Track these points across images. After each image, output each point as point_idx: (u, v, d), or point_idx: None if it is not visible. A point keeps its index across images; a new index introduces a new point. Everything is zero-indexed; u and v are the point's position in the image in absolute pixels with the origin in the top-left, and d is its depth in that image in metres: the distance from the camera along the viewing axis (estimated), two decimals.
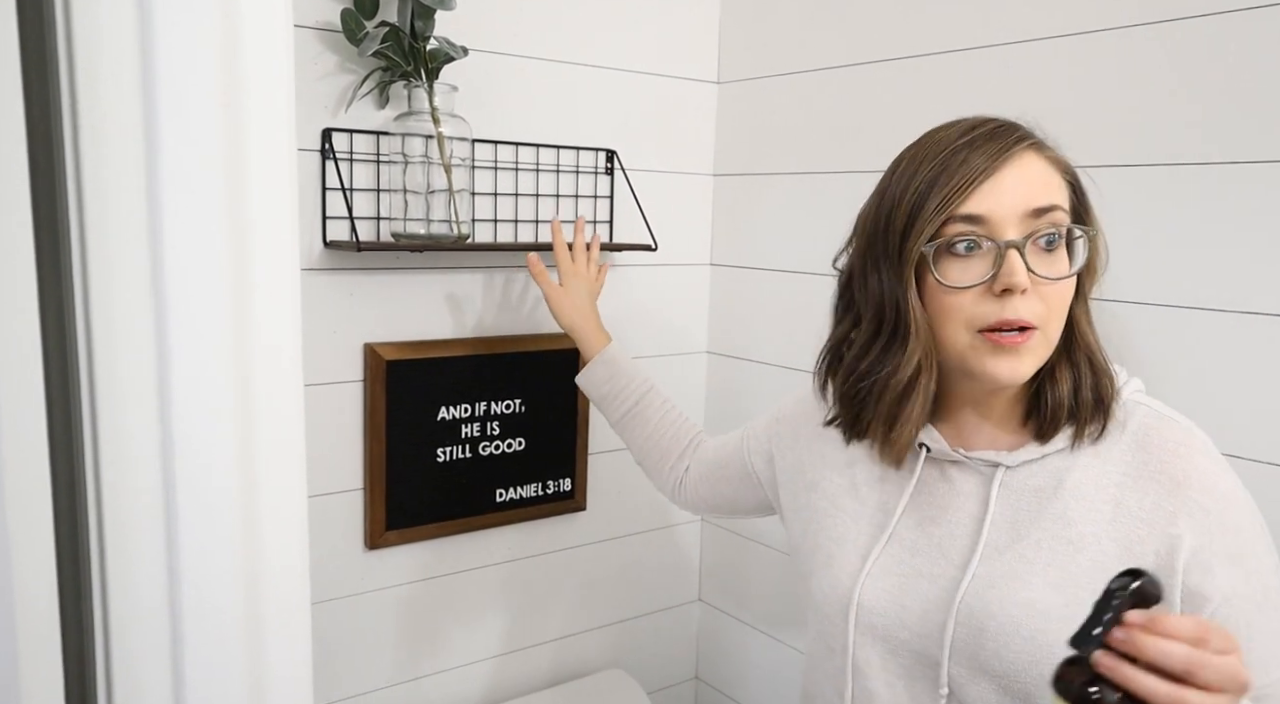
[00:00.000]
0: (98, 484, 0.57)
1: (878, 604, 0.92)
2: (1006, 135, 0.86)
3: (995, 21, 1.35)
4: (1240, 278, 1.13)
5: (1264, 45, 1.09)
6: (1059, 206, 0.85)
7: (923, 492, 0.94)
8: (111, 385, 0.56)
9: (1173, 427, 0.87)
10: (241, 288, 0.59)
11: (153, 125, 0.55)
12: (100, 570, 0.57)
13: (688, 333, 1.85)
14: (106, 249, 0.56)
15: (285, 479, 0.63)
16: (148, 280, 0.56)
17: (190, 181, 0.57)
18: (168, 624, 0.59)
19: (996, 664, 0.84)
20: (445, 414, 1.54)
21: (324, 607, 1.48)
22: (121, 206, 0.56)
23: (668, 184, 1.76)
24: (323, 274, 1.41)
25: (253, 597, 0.62)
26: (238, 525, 0.61)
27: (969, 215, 0.82)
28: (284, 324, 0.62)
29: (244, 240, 0.59)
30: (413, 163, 1.39)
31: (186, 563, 0.59)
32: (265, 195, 0.60)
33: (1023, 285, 0.81)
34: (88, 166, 0.54)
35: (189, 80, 0.56)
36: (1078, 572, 0.84)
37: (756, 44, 1.73)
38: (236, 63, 0.57)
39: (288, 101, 0.60)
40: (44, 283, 0.57)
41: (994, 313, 0.82)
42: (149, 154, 0.55)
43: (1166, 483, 0.84)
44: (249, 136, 0.58)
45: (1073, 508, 0.86)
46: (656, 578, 1.88)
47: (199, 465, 0.59)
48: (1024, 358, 0.84)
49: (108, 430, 0.56)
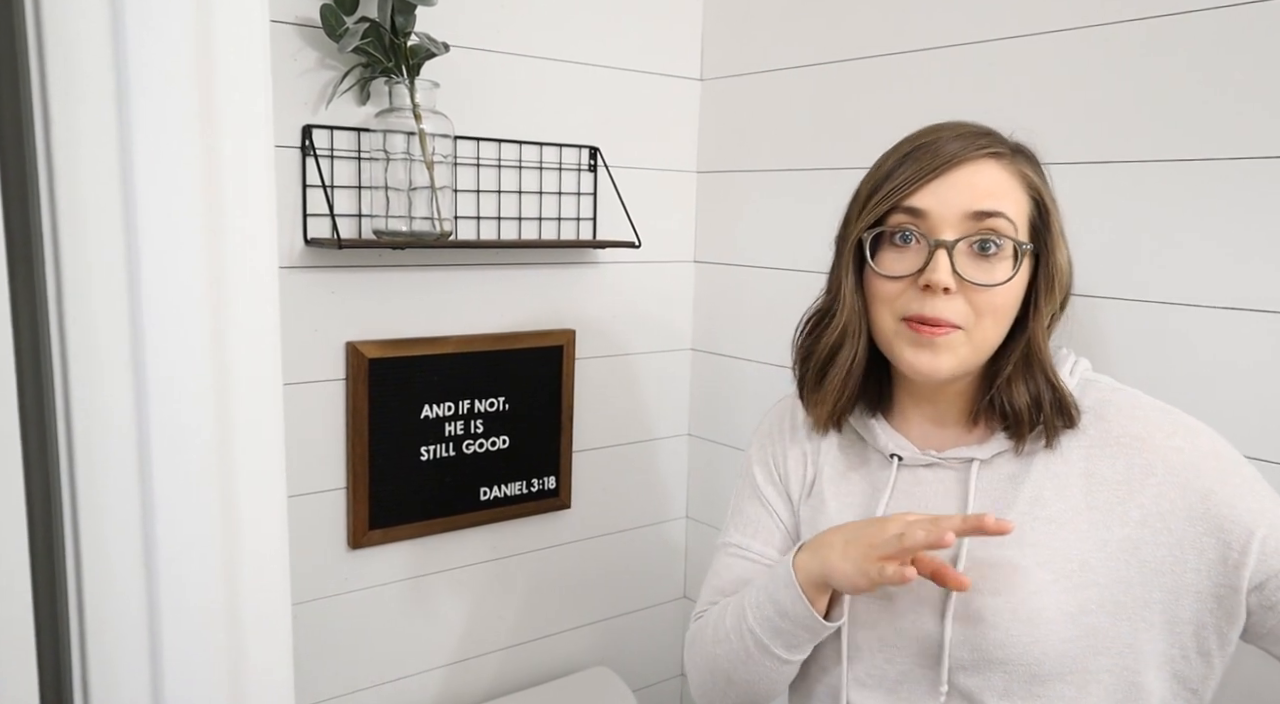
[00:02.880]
0: (73, 484, 0.56)
1: (868, 617, 0.92)
2: (972, 140, 0.87)
3: (977, 18, 1.36)
4: (1216, 273, 1.14)
5: (1245, 41, 1.10)
6: (1003, 215, 0.85)
7: (899, 499, 0.95)
8: (86, 384, 0.56)
9: (1122, 394, 0.91)
10: (218, 286, 0.58)
11: (126, 122, 0.55)
12: (76, 571, 0.57)
13: (672, 330, 1.85)
14: (81, 248, 0.55)
15: (265, 478, 0.63)
16: (123, 278, 0.55)
17: (165, 180, 0.56)
18: (145, 625, 0.58)
19: (1000, 652, 0.85)
20: (428, 412, 1.54)
21: (308, 606, 1.47)
22: (96, 205, 0.55)
23: (651, 181, 1.76)
24: (304, 272, 1.40)
25: (232, 597, 0.61)
26: (216, 525, 0.60)
27: (911, 208, 0.86)
28: (262, 323, 0.61)
29: (220, 239, 0.58)
30: (394, 160, 1.39)
31: (164, 563, 0.59)
32: (242, 193, 0.59)
33: (942, 284, 0.84)
34: (60, 164, 0.54)
35: (163, 77, 0.55)
36: (1062, 546, 0.85)
37: (739, 41, 1.73)
38: (211, 59, 0.57)
39: (264, 98, 0.60)
40: (16, 281, 0.56)
41: (916, 306, 0.86)
42: (122, 153, 0.55)
43: (1130, 442, 0.86)
44: (224, 134, 0.58)
45: (1046, 488, 0.88)
46: (642, 575, 1.88)
47: (176, 464, 0.58)
48: (941, 354, 0.86)
49: (82, 432, 0.56)
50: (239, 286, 0.59)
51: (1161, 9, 1.16)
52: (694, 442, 1.90)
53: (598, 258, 1.70)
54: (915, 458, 0.94)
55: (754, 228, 1.73)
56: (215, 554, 0.60)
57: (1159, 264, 1.18)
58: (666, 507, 1.91)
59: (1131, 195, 1.20)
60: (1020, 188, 0.88)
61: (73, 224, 0.54)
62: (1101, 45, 1.22)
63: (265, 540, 0.62)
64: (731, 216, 1.78)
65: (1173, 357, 1.17)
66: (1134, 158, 1.20)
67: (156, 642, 0.59)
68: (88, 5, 0.53)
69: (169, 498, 0.58)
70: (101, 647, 0.58)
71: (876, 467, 0.97)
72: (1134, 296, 1.20)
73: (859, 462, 0.99)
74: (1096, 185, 1.22)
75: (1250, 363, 1.12)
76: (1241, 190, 1.11)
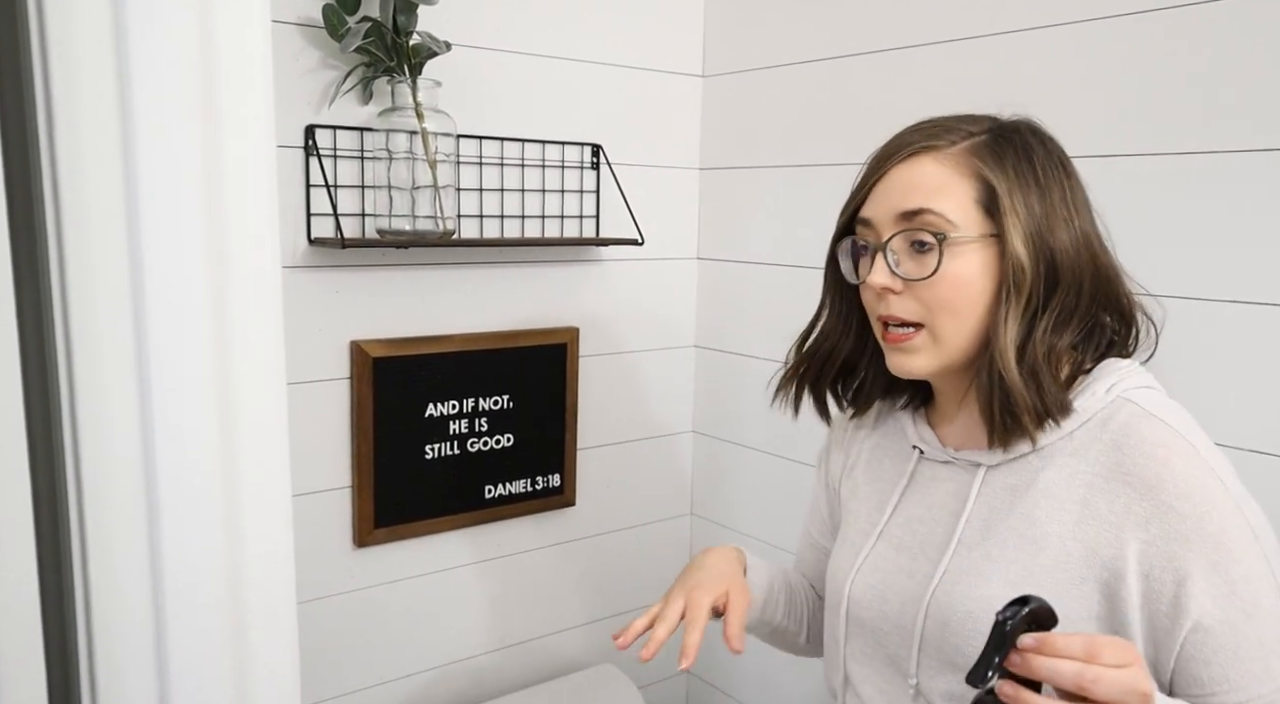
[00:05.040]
0: (79, 485, 0.56)
1: (864, 598, 0.96)
2: (905, 139, 0.89)
3: (980, 13, 1.35)
4: (1227, 267, 1.13)
5: (1256, 30, 1.09)
6: (928, 210, 0.85)
7: (914, 491, 0.97)
8: (91, 385, 0.56)
9: (1153, 426, 0.83)
10: (221, 286, 0.58)
11: (129, 123, 0.55)
12: (83, 570, 0.57)
13: (675, 327, 1.85)
14: (84, 248, 0.55)
15: (269, 477, 0.63)
16: (126, 278, 0.56)
17: (169, 181, 0.57)
18: (151, 623, 0.58)
19: (958, 658, 0.86)
20: (433, 411, 1.54)
21: (314, 605, 1.47)
22: (99, 206, 0.55)
23: (654, 178, 1.76)
24: (308, 271, 1.40)
25: (237, 595, 0.62)
26: (221, 524, 0.60)
27: (863, 219, 0.90)
28: (265, 322, 0.61)
29: (224, 239, 0.59)
30: (397, 159, 1.39)
31: (170, 562, 0.59)
32: (244, 193, 0.59)
33: (878, 285, 0.87)
34: (64, 165, 0.54)
35: (165, 79, 0.56)
36: (1038, 570, 0.84)
37: (741, 37, 1.73)
38: (213, 60, 0.57)
39: (266, 98, 0.60)
40: (20, 281, 0.56)
41: (881, 308, 0.89)
42: (125, 154, 0.55)
43: (1139, 486, 0.81)
44: (227, 134, 0.58)
45: (1040, 507, 0.85)
46: (647, 572, 1.88)
47: (181, 464, 0.59)
48: (912, 356, 0.89)
49: (88, 430, 0.56)
50: (242, 286, 0.60)
51: (1154, 3, 1.15)
52: (698, 438, 1.91)
53: (601, 255, 1.70)
54: (934, 453, 0.95)
55: (757, 224, 1.73)
56: (220, 553, 0.60)
57: (1168, 259, 1.18)
58: (671, 503, 1.91)
59: (1140, 188, 1.20)
60: (961, 177, 0.85)
61: (76, 225, 0.55)
62: (1102, 39, 1.22)
63: (270, 539, 0.63)
64: (734, 213, 1.78)
65: (1182, 350, 1.17)
66: (1137, 151, 1.20)
67: (162, 640, 0.59)
68: (90, 8, 0.53)
69: (174, 497, 0.58)
70: (108, 645, 0.58)
71: (904, 458, 1.00)
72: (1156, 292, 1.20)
73: (893, 450, 1.02)
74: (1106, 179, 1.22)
75: (1262, 357, 1.11)
76: (1260, 184, 1.10)
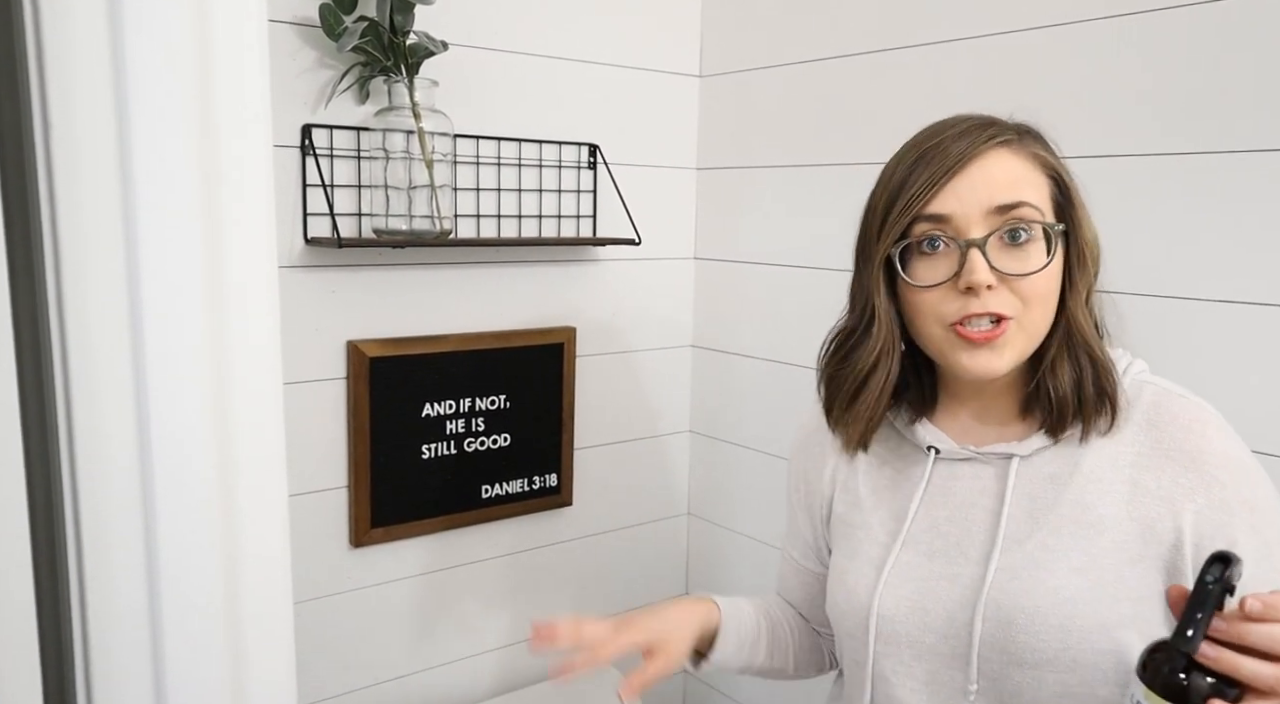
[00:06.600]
0: (74, 484, 0.56)
1: (898, 612, 0.91)
2: (977, 133, 0.86)
3: (978, 13, 1.35)
4: (1226, 268, 1.14)
5: (1255, 30, 1.09)
6: (1026, 203, 0.84)
7: (934, 494, 0.93)
8: (87, 385, 0.56)
9: (1183, 403, 0.88)
10: (218, 286, 0.58)
11: (125, 122, 0.55)
12: (78, 571, 0.57)
13: (672, 327, 1.85)
14: (80, 248, 0.55)
15: (266, 477, 0.63)
16: (122, 277, 0.56)
17: (164, 180, 0.56)
18: (147, 624, 0.58)
19: (1029, 655, 0.84)
20: (430, 411, 1.54)
21: (310, 605, 1.47)
22: (95, 205, 0.55)
23: (651, 178, 1.76)
24: (304, 271, 1.40)
25: (234, 596, 0.62)
26: (217, 524, 0.60)
27: (933, 215, 0.85)
28: (262, 322, 0.61)
29: (220, 238, 0.58)
30: (394, 158, 1.39)
31: (166, 562, 0.59)
32: (241, 192, 0.59)
33: (983, 283, 0.83)
34: (59, 164, 0.54)
35: (161, 78, 0.55)
36: (1100, 554, 0.84)
37: (738, 37, 1.73)
38: (209, 59, 0.57)
39: (263, 98, 0.60)
40: (16, 282, 0.56)
41: (961, 308, 0.84)
42: (121, 153, 0.55)
43: (1183, 459, 0.85)
44: (223, 133, 0.58)
45: (1089, 491, 0.86)
46: (644, 572, 1.88)
47: (178, 464, 0.58)
48: (1000, 352, 0.85)
49: (83, 430, 0.56)
50: (239, 286, 0.59)
51: (1154, 3, 1.16)
52: (695, 438, 1.91)
53: (598, 255, 1.70)
54: (953, 451, 0.92)
55: (754, 224, 1.73)
56: (217, 553, 0.60)
57: (1161, 258, 1.18)
58: (668, 503, 1.91)
59: (1138, 189, 1.20)
60: (1036, 170, 0.87)
61: (72, 224, 0.54)
62: (1101, 39, 1.22)
63: (266, 539, 0.63)
64: (731, 213, 1.78)
65: (1177, 350, 1.17)
66: (1137, 151, 1.20)
67: (158, 641, 0.59)
68: (86, 6, 0.53)
69: (170, 497, 0.58)
70: (104, 645, 0.58)
71: (912, 461, 0.96)
72: (1140, 291, 1.20)
73: (893, 456, 0.98)
74: (1098, 180, 1.22)
75: (1256, 357, 1.12)
76: (1251, 184, 1.11)
